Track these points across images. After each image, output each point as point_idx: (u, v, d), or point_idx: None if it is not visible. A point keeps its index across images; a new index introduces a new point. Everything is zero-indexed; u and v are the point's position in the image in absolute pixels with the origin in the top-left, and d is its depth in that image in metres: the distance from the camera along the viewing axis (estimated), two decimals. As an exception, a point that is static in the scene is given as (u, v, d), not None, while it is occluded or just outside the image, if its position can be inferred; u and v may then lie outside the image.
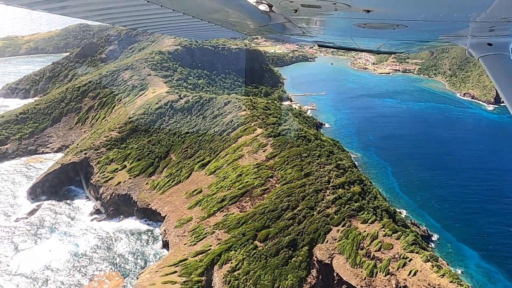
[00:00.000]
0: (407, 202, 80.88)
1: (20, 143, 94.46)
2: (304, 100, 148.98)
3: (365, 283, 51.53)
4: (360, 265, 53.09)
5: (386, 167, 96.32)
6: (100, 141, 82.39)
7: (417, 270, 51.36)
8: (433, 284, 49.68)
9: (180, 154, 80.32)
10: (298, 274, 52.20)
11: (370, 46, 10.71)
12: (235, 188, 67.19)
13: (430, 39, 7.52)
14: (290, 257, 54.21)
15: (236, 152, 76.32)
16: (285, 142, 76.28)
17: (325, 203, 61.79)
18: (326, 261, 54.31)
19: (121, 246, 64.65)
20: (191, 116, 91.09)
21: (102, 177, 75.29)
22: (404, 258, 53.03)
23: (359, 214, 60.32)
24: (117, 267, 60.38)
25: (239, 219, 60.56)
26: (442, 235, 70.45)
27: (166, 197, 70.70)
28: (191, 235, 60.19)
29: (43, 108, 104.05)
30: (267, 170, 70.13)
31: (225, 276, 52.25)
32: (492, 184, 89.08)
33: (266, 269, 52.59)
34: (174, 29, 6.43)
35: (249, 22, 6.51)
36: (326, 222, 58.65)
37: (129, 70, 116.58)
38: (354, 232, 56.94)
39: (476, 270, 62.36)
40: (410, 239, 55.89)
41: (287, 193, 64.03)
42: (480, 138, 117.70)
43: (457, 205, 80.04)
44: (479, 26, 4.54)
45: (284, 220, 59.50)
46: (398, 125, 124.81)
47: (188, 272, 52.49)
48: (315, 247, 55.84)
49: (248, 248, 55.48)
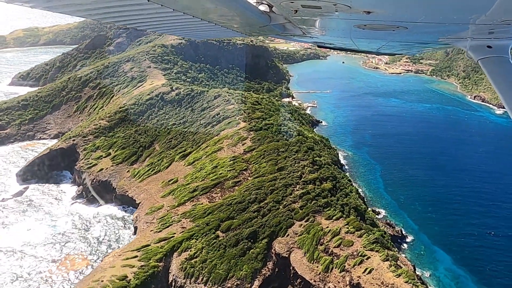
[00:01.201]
0: (389, 202, 79.69)
1: (19, 129, 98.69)
2: (306, 97, 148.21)
3: (319, 278, 51.52)
4: (317, 260, 53.07)
5: (375, 166, 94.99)
6: (89, 129, 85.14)
7: (373, 268, 50.85)
8: (387, 283, 49.12)
9: (164, 145, 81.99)
10: (253, 266, 52.69)
11: (370, 47, 10.79)
12: (208, 179, 68.17)
13: (430, 41, 7.58)
14: (248, 248, 54.72)
15: (216, 145, 77.29)
16: (265, 137, 76.63)
17: (292, 198, 61.90)
18: (284, 255, 54.54)
19: (96, 229, 66.84)
20: (180, 108, 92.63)
21: (86, 163, 77.87)
22: (362, 256, 52.60)
23: (325, 210, 60.12)
24: (89, 248, 62.58)
25: (206, 209, 61.49)
26: (418, 237, 69.15)
27: (144, 185, 72.47)
28: (158, 222, 61.62)
29: (45, 96, 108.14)
30: (242, 163, 70.74)
31: (182, 263, 53.35)
32: (484, 187, 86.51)
33: (223, 259, 53.32)
34: (174, 28, 6.51)
35: (249, 22, 6.55)
36: (290, 216, 58.80)
37: (130, 62, 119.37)
38: (316, 228, 56.86)
39: (445, 273, 60.99)
40: (372, 238, 55.31)
41: (257, 186, 64.47)
42: (481, 140, 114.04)
43: (441, 206, 78.19)
44: (478, 28, 4.54)
45: (249, 212, 60.02)
46: (397, 125, 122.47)
47: (148, 257, 53.83)
48: (274, 240, 56.11)
49: (209, 237, 56.34)
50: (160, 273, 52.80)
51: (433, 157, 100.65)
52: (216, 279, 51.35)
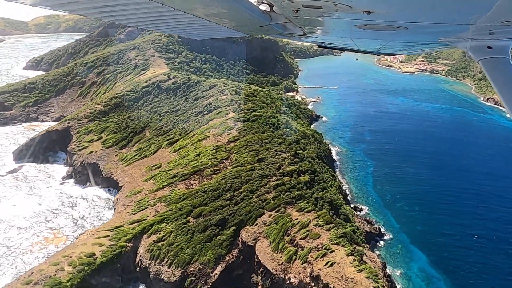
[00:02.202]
0: (374, 200, 78.75)
1: (23, 110, 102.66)
2: (312, 92, 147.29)
3: (281, 268, 51.84)
4: (281, 251, 53.37)
5: (368, 163, 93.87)
6: (84, 112, 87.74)
7: (334, 262, 50.77)
8: (346, 277, 48.98)
9: (154, 131, 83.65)
10: (217, 252, 53.50)
11: (370, 47, 10.84)
12: (189, 167, 69.29)
13: (431, 41, 7.59)
14: (215, 235, 55.54)
15: (203, 133, 78.30)
16: (251, 128, 77.03)
17: (267, 188, 62.25)
18: (249, 243, 55.08)
19: (80, 209, 69.24)
20: (175, 96, 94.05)
21: (78, 145, 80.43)
22: (326, 249, 52.54)
23: (297, 203, 60.20)
24: (70, 226, 64.93)
25: (182, 195, 62.65)
26: (396, 236, 68.22)
27: (129, 169, 74.33)
28: (135, 205, 63.26)
29: (50, 80, 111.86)
30: (224, 152, 71.47)
31: (150, 245, 54.72)
32: (479, 189, 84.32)
33: (189, 244, 54.36)
34: (174, 27, 6.58)
35: (250, 22, 6.56)
36: (261, 206, 59.22)
37: (135, 50, 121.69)
38: (286, 219, 57.08)
39: (417, 273, 60.04)
40: (340, 232, 55.11)
41: (234, 175, 65.11)
42: (486, 143, 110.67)
43: (429, 206, 76.72)
44: (479, 29, 4.56)
45: (222, 200, 60.78)
46: (399, 123, 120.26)
47: (118, 237, 55.50)
48: (243, 229, 56.70)
49: (180, 222, 57.48)
50: (128, 253, 54.38)
51: (431, 156, 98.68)
52: (180, 263, 52.45)
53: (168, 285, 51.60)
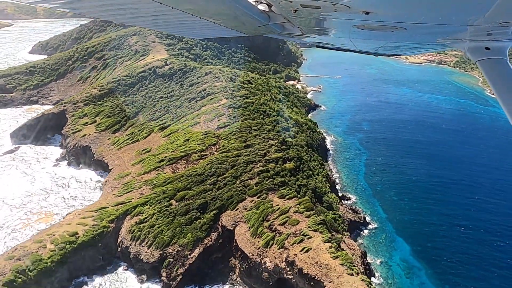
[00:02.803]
0: (364, 189, 78.52)
1: (24, 93, 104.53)
2: (313, 81, 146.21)
3: (258, 253, 52.53)
4: (259, 236, 53.98)
5: (362, 153, 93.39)
6: (80, 96, 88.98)
7: (311, 248, 51.16)
8: (321, 263, 49.38)
9: (148, 116, 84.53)
10: (196, 234, 54.40)
11: (368, 48, 10.88)
12: (177, 151, 70.04)
13: (429, 42, 7.60)
14: (196, 218, 56.40)
15: (194, 119, 78.82)
16: (242, 114, 77.22)
17: (250, 174, 62.67)
18: (229, 227, 55.84)
19: (70, 190, 70.77)
20: (171, 82, 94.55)
21: (72, 128, 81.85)
22: (304, 235, 52.91)
23: (279, 189, 60.53)
24: (59, 206, 66.48)
25: (167, 178, 63.53)
26: (382, 225, 68.13)
27: (120, 152, 75.49)
28: (122, 187, 64.42)
29: (52, 64, 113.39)
30: (213, 138, 71.98)
31: (131, 226, 55.91)
32: (472, 180, 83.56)
33: (170, 226, 55.35)
34: (173, 26, 6.60)
35: (248, 21, 6.51)
36: (243, 192, 59.76)
37: (136, 35, 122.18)
38: (266, 205, 57.55)
39: (398, 263, 60.06)
40: (319, 219, 55.34)
41: (220, 161, 65.64)
42: (486, 135, 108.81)
43: (419, 196, 76.25)
44: (477, 30, 4.59)
45: (206, 184, 61.51)
46: (399, 113, 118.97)
47: (101, 217, 56.79)
48: (223, 213, 57.43)
49: (163, 205, 58.47)
50: (110, 233, 55.65)
51: (427, 147, 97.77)
52: (159, 244, 53.55)
53: (147, 266, 52.84)
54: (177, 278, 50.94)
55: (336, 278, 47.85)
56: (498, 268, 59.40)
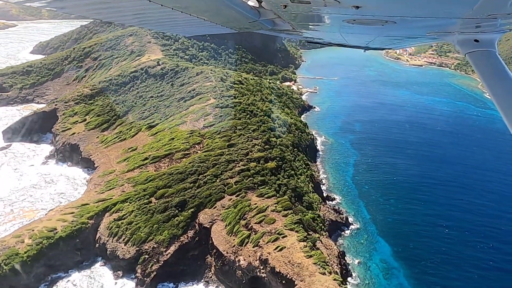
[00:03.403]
0: (351, 190, 78.28)
1: (20, 92, 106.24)
2: (310, 82, 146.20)
3: (232, 251, 52.76)
4: (235, 234, 54.23)
5: (352, 154, 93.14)
6: (71, 95, 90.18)
7: (285, 247, 51.23)
8: (294, 261, 49.43)
9: (137, 115, 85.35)
10: (172, 232, 54.79)
11: (359, 42, 10.93)
12: (162, 150, 70.62)
13: (418, 35, 7.67)
14: (174, 216, 56.82)
15: (181, 118, 79.40)
16: (228, 114, 77.59)
17: (231, 173, 62.93)
18: (206, 225, 56.16)
19: (56, 187, 71.69)
20: (162, 82, 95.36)
21: (62, 127, 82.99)
22: (279, 234, 53.01)
23: (259, 188, 60.70)
24: (43, 203, 67.40)
25: (149, 176, 64.09)
26: (364, 226, 67.86)
27: (107, 151, 76.32)
28: (105, 184, 65.15)
29: (48, 63, 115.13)
30: (198, 137, 72.43)
31: (110, 223, 56.51)
32: (461, 181, 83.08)
33: (148, 223, 55.85)
34: (162, 24, 6.54)
35: (238, 18, 6.49)
36: (222, 190, 60.06)
37: (132, 36, 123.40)
38: (244, 203, 57.76)
39: (377, 263, 59.77)
40: (295, 218, 55.41)
41: (202, 159, 66.05)
42: (481, 137, 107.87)
43: (405, 197, 75.87)
44: (466, 22, 4.63)
45: (186, 183, 61.91)
46: (393, 115, 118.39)
47: (81, 214, 57.50)
48: (201, 211, 57.77)
49: (142, 202, 59.02)
50: (88, 229, 56.29)
51: (419, 148, 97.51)
52: (136, 241, 54.05)
53: (123, 262, 53.37)
54: (151, 274, 51.39)
55: (307, 277, 47.83)
56: (478, 269, 58.96)
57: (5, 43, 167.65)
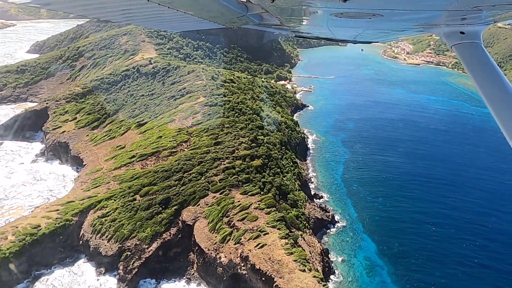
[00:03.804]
0: (339, 189, 78.25)
1: (14, 91, 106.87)
2: (305, 81, 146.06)
3: (214, 248, 52.95)
4: (217, 231, 54.42)
5: (343, 152, 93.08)
6: (63, 94, 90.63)
7: (266, 244, 51.37)
8: (274, 259, 49.57)
9: (127, 114, 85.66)
10: (155, 229, 55.03)
11: (346, 36, 10.88)
12: (149, 148, 70.88)
13: (405, 28, 7.67)
14: (157, 213, 57.07)
15: (170, 117, 79.64)
16: (216, 112, 77.76)
17: (216, 171, 63.11)
18: (189, 223, 56.36)
19: (44, 185, 72.12)
20: (153, 81, 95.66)
21: (53, 125, 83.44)
22: (261, 231, 53.16)
23: (243, 186, 60.85)
24: (30, 200, 67.79)
25: (135, 174, 64.38)
26: (351, 225, 67.82)
27: (96, 149, 76.68)
28: (91, 182, 65.48)
29: (42, 63, 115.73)
30: (185, 135, 72.65)
31: (94, 220, 56.82)
32: (450, 179, 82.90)
33: (131, 220, 56.12)
34: (148, 20, 6.49)
35: (226, 13, 6.45)
36: (206, 188, 60.24)
37: (126, 35, 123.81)
38: (228, 201, 57.95)
39: (361, 261, 59.72)
40: (278, 216, 55.53)
41: (189, 157, 66.26)
42: (474, 135, 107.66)
43: (394, 195, 75.57)
44: (451, 15, 4.70)
45: (171, 180, 62.14)
46: (387, 113, 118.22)
47: (66, 211, 57.86)
48: (185, 209, 57.98)
49: (127, 199, 59.29)
50: (72, 226, 56.63)
51: (411, 146, 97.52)
52: (119, 238, 54.32)
53: (106, 258, 53.64)
54: (132, 271, 51.62)
55: (287, 274, 47.95)
56: (463, 266, 58.90)
57: (3, 43, 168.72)
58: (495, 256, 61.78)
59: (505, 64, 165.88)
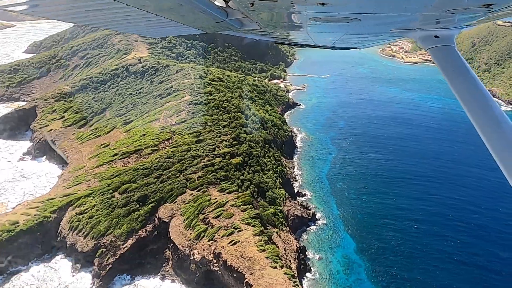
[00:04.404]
0: (323, 187, 78.10)
1: (7, 90, 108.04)
2: (299, 80, 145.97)
3: (188, 245, 53.25)
4: (192, 228, 54.68)
5: (331, 150, 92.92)
6: (52, 93, 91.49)
7: (239, 241, 51.58)
8: (245, 255, 49.75)
9: (114, 112, 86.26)
10: (131, 226, 55.42)
11: (326, 41, 10.95)
12: (132, 146, 71.34)
13: (382, 32, 7.74)
14: (134, 210, 57.45)
15: (155, 115, 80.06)
16: (201, 111, 78.03)
17: (195, 168, 63.37)
18: (165, 220, 56.70)
19: (28, 183, 72.89)
20: (142, 79, 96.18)
21: (40, 123, 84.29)
22: (235, 228, 53.36)
23: (221, 183, 61.04)
24: (13, 198, 68.49)
25: (115, 172, 64.83)
26: (332, 222, 67.74)
27: (81, 147, 77.34)
28: (72, 180, 66.08)
29: (36, 62, 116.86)
30: (168, 133, 73.00)
31: (72, 217, 57.37)
32: (436, 175, 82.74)
33: (108, 217, 56.56)
34: (127, 25, 6.45)
35: (205, 18, 6.39)
36: (184, 185, 60.52)
37: (120, 35, 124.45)
38: (204, 198, 58.20)
39: (339, 259, 59.59)
40: (253, 213, 55.67)
41: (169, 155, 66.59)
42: (466, 133, 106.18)
43: (378, 193, 75.37)
44: (426, 18, 4.79)
45: (150, 178, 62.50)
46: (378, 111, 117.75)
47: (44, 208, 58.48)
48: (162, 206, 58.31)
49: (105, 197, 59.74)
50: (50, 223, 57.21)
51: (399, 143, 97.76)
52: (95, 234, 54.79)
53: (82, 255, 54.14)
54: (107, 267, 52.03)
55: (258, 271, 48.12)
56: (442, 262, 58.83)
57: (2, 43, 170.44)
58: (475, 252, 61.59)
59: (503, 62, 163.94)
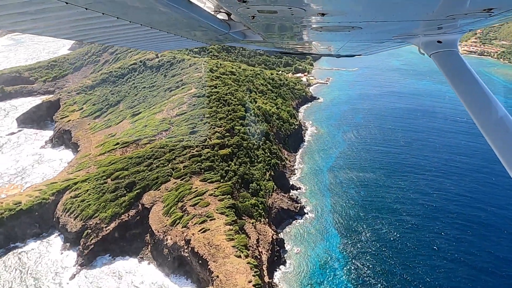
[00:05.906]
0: (321, 181, 76.78)
1: (44, 84, 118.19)
2: (325, 74, 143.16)
3: (163, 230, 55.56)
4: (169, 215, 56.92)
5: (338, 145, 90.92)
6: (74, 86, 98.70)
7: (208, 229, 52.91)
8: (212, 243, 50.98)
9: (127, 104, 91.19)
10: (115, 210, 58.91)
11: (329, 50, 10.98)
12: (133, 136, 75.28)
13: (385, 39, 7.77)
14: (121, 196, 60.93)
15: (160, 107, 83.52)
16: (202, 103, 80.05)
17: (183, 158, 65.51)
18: (147, 206, 59.52)
19: (43, 168, 79.72)
20: (157, 73, 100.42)
21: (62, 114, 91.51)
22: (208, 216, 54.74)
23: (204, 173, 62.60)
24: (30, 180, 75.39)
25: (113, 160, 68.97)
26: (321, 217, 66.55)
27: (92, 136, 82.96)
28: (76, 166, 71.36)
29: (71, 58, 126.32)
30: (167, 124, 75.94)
31: (67, 200, 62.21)
32: (446, 170, 78.25)
33: (97, 201, 60.61)
34: (132, 41, 6.51)
35: (209, 32, 6.42)
36: (169, 174, 62.91)
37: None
38: (186, 187, 60.16)
39: (319, 253, 58.64)
40: (229, 203, 56.61)
41: (163, 145, 69.42)
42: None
43: (377, 191, 73.32)
44: (428, 24, 4.77)
45: (141, 166, 65.74)
46: (401, 104, 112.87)
47: (46, 191, 63.99)
48: (146, 192, 61.20)
49: (99, 182, 63.94)
50: (48, 204, 62.47)
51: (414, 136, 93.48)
52: (84, 216, 59.03)
53: (71, 235, 58.62)
54: (89, 247, 55.93)
55: (221, 259, 49.12)
56: (430, 259, 56.37)
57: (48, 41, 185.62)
58: (472, 251, 57.81)
59: None
